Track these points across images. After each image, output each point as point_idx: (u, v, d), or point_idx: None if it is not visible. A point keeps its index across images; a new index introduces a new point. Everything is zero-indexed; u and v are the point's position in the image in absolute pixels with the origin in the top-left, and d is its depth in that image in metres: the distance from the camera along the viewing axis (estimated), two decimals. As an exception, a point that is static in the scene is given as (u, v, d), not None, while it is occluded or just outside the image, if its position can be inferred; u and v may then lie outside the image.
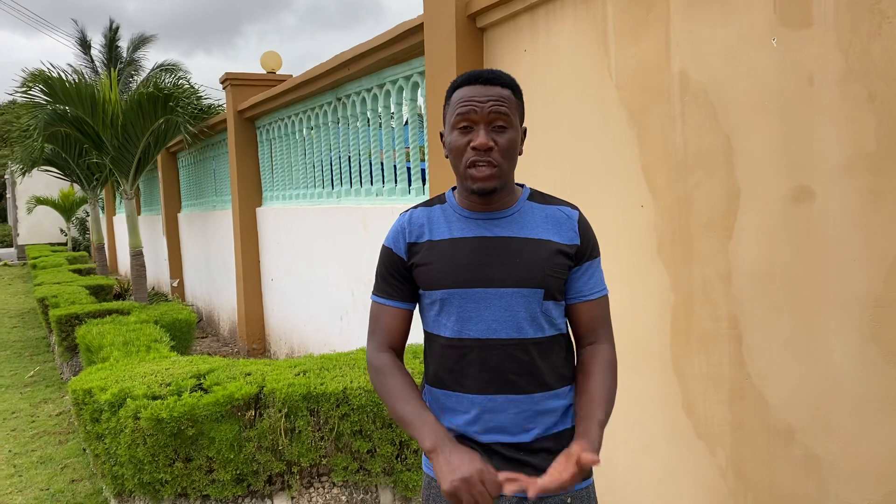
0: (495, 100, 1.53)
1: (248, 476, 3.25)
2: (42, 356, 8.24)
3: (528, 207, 1.64)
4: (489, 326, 1.57)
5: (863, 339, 2.05)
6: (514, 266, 1.57)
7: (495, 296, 1.57)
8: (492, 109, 1.52)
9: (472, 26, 3.68)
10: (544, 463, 1.57)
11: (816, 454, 2.18)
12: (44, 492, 4.16)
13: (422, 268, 1.62)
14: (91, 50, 18.29)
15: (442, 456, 1.41)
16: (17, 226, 26.70)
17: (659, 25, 2.63)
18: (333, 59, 5.34)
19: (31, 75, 8.63)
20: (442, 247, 1.61)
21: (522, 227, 1.61)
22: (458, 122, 1.54)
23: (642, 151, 2.75)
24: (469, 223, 1.62)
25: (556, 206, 1.66)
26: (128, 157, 9.31)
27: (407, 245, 1.65)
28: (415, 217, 1.68)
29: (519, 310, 1.57)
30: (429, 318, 1.66)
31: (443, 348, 1.62)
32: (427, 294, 1.63)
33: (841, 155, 2.06)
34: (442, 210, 1.67)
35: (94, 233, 14.52)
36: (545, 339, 1.61)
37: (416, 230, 1.65)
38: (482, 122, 1.52)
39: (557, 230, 1.62)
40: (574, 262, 1.63)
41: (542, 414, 1.60)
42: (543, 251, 1.59)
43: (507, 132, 1.54)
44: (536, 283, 1.57)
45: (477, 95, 1.53)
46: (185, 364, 3.81)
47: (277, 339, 7.54)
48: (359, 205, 5.53)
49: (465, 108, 1.53)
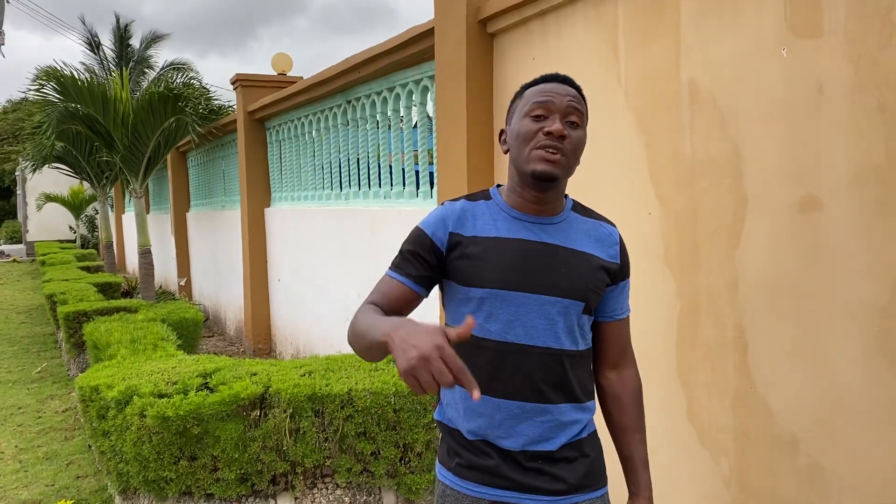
0: (572, 97, 1.55)
1: (252, 476, 3.26)
2: (49, 352, 8.29)
3: (573, 218, 1.64)
4: (528, 332, 1.54)
5: (869, 350, 2.04)
6: (559, 275, 1.55)
7: (537, 302, 1.54)
8: (569, 105, 1.53)
9: (483, 31, 3.69)
10: (563, 472, 1.58)
11: (820, 464, 2.18)
12: (49, 487, 4.18)
13: (464, 261, 1.57)
14: (101, 49, 18.37)
15: (398, 333, 1.21)
16: (27, 222, 26.85)
17: (669, 33, 2.64)
18: (344, 62, 5.36)
19: (44, 73, 8.69)
20: (488, 244, 1.57)
21: (567, 238, 1.59)
22: (534, 108, 1.54)
23: (650, 159, 2.75)
24: (516, 224, 1.59)
25: (596, 221, 1.67)
26: (138, 155, 9.36)
27: (449, 233, 1.59)
28: (462, 208, 1.62)
29: (559, 320, 1.55)
30: (462, 315, 1.59)
31: (474, 347, 1.56)
32: (465, 290, 1.57)
33: (849, 165, 2.06)
34: (487, 206, 1.63)
35: (102, 230, 14.59)
36: (578, 352, 1.60)
37: (462, 221, 1.60)
38: (558, 113, 1.53)
39: (600, 246, 1.62)
40: (612, 280, 1.64)
41: (566, 425, 1.59)
42: (587, 265, 1.58)
43: (579, 130, 1.56)
44: (579, 295, 1.56)
45: (556, 90, 1.55)
46: (192, 363, 3.83)
47: (283, 340, 7.56)
48: (367, 207, 5.54)
49: (543, 98, 1.54)
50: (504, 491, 1.58)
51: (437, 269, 1.60)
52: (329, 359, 3.77)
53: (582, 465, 1.61)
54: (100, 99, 8.77)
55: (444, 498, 1.65)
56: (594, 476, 1.63)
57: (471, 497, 1.60)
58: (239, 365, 3.66)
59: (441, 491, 1.67)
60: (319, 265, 6.45)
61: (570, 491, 1.58)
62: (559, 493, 1.58)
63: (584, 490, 1.60)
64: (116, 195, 18.04)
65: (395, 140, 5.13)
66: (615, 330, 1.69)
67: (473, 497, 1.60)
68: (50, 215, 25.39)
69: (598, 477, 1.64)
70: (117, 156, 9.40)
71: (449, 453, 1.66)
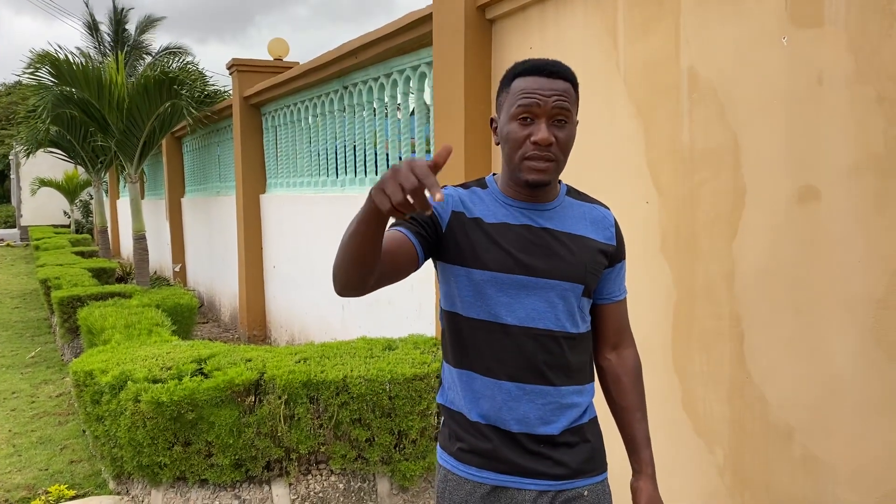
0: (559, 94, 1.50)
1: (246, 461, 3.26)
2: (43, 337, 8.26)
3: (568, 203, 1.64)
4: (528, 314, 1.55)
5: (865, 341, 2.05)
6: (558, 259, 1.56)
7: (537, 286, 1.55)
8: (555, 105, 1.50)
9: (482, 17, 3.67)
10: (564, 457, 1.59)
11: (815, 454, 2.19)
12: (42, 472, 4.17)
13: (464, 242, 1.56)
14: (99, 32, 18.21)
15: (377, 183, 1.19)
16: (21, 207, 26.75)
17: (669, 21, 2.62)
18: (341, 48, 5.32)
19: (38, 56, 8.63)
20: (487, 228, 1.57)
21: (564, 222, 1.60)
22: (520, 112, 1.51)
23: (648, 147, 2.74)
24: (513, 211, 1.59)
25: (591, 205, 1.68)
26: (133, 140, 9.31)
27: (452, 212, 1.57)
28: (460, 192, 1.62)
29: (558, 302, 1.57)
30: (462, 297, 1.59)
31: (475, 330, 1.58)
32: (465, 271, 1.56)
33: (848, 156, 2.06)
34: (485, 194, 1.63)
35: (97, 216, 14.54)
36: (578, 334, 1.61)
37: (463, 203, 1.60)
38: (544, 116, 1.50)
39: (596, 228, 1.64)
40: (609, 262, 1.65)
41: (567, 407, 1.60)
42: (586, 248, 1.60)
43: (567, 127, 1.53)
44: (579, 277, 1.57)
45: (541, 88, 1.50)
46: (186, 348, 3.82)
47: (278, 327, 7.56)
48: (363, 194, 5.52)
49: (528, 101, 1.50)
50: (505, 475, 1.59)
51: (433, 241, 1.56)
52: (324, 345, 3.76)
53: (583, 450, 1.62)
54: (95, 83, 8.71)
55: (445, 483, 1.65)
56: (595, 461, 1.64)
57: (472, 482, 1.60)
58: (234, 351, 3.66)
59: (442, 476, 1.67)
60: (315, 252, 6.44)
61: (571, 476, 1.59)
62: (560, 477, 1.59)
63: (585, 475, 1.62)
64: (111, 180, 17.96)
65: (392, 127, 5.11)
66: (613, 311, 1.71)
67: (475, 482, 1.60)
68: (44, 200, 25.28)
69: (598, 462, 1.65)
70: (112, 140, 9.35)
71: (450, 438, 1.66)
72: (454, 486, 1.62)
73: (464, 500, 1.60)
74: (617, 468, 1.91)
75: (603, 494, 1.64)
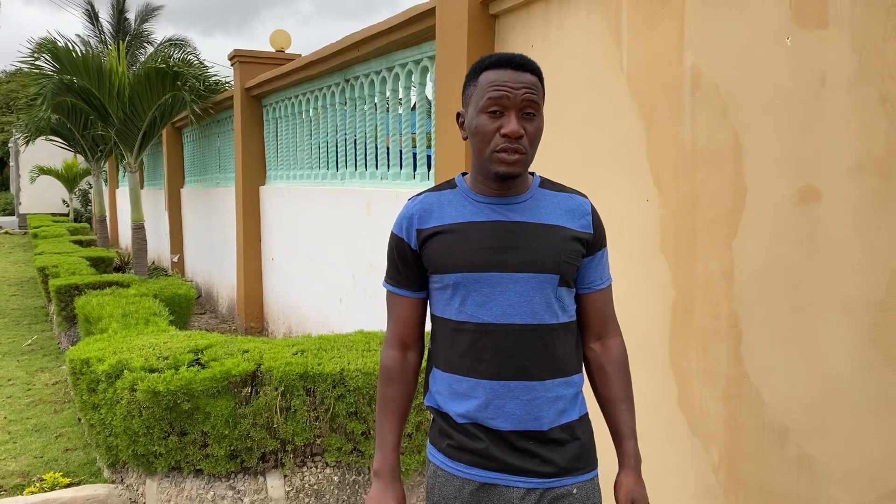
0: (528, 87, 1.51)
1: (241, 452, 3.26)
2: (40, 325, 8.26)
3: (541, 194, 1.64)
4: (504, 311, 1.56)
5: (863, 342, 2.05)
6: (530, 251, 1.56)
7: (511, 280, 1.55)
8: (524, 97, 1.51)
9: (485, 12, 3.66)
10: (553, 455, 1.58)
11: (810, 454, 2.19)
12: (37, 459, 4.17)
13: (433, 251, 1.59)
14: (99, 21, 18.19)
15: (375, 485, 1.64)
16: (20, 194, 26.69)
17: (673, 19, 2.62)
18: (343, 40, 5.31)
19: (38, 45, 8.61)
20: (455, 230, 1.59)
21: (536, 213, 1.60)
22: (489, 105, 1.52)
23: (650, 145, 2.74)
24: (483, 207, 1.60)
25: (566, 194, 1.67)
26: (133, 130, 9.29)
27: (416, 231, 1.62)
28: (423, 202, 1.65)
29: (534, 295, 1.56)
30: (440, 301, 1.63)
31: (454, 332, 1.60)
32: (439, 277, 1.60)
33: (850, 157, 2.05)
34: (453, 195, 1.64)
35: (96, 205, 14.51)
36: (559, 325, 1.60)
37: (426, 215, 1.62)
38: (513, 109, 1.51)
39: (571, 217, 1.63)
40: (587, 250, 1.64)
41: (553, 401, 1.59)
42: (559, 237, 1.59)
43: (535, 120, 1.54)
44: (553, 268, 1.57)
45: (510, 81, 1.51)
46: (184, 339, 3.81)
47: (276, 319, 7.55)
48: (363, 188, 5.52)
49: (497, 93, 1.51)
50: (494, 473, 1.58)
51: (421, 268, 1.65)
52: (321, 338, 3.76)
53: (572, 447, 1.61)
54: (95, 71, 8.69)
55: (434, 478, 1.66)
56: (584, 459, 1.63)
57: (461, 478, 1.61)
58: (231, 342, 3.65)
59: (432, 472, 1.68)
60: (314, 245, 6.43)
61: (559, 473, 1.59)
62: (549, 475, 1.58)
63: (574, 473, 1.61)
64: (110, 169, 17.93)
65: (394, 121, 5.10)
66: (596, 300, 1.69)
67: (463, 478, 1.60)
68: (43, 188, 25.24)
69: (588, 460, 1.65)
70: (112, 129, 9.33)
71: (440, 435, 1.66)
72: (443, 482, 1.63)
73: (453, 497, 1.61)
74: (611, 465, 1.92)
75: (593, 492, 1.64)
